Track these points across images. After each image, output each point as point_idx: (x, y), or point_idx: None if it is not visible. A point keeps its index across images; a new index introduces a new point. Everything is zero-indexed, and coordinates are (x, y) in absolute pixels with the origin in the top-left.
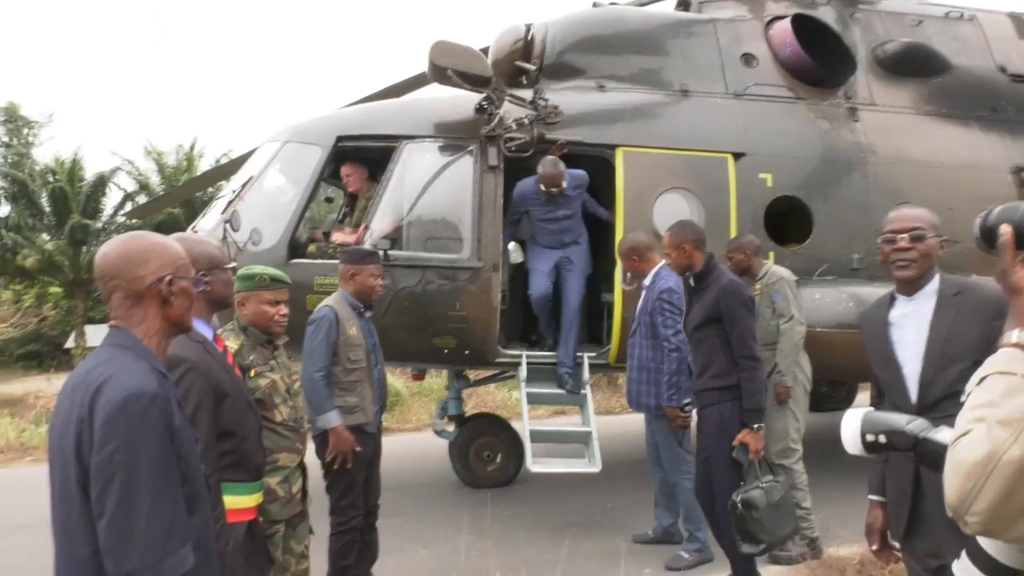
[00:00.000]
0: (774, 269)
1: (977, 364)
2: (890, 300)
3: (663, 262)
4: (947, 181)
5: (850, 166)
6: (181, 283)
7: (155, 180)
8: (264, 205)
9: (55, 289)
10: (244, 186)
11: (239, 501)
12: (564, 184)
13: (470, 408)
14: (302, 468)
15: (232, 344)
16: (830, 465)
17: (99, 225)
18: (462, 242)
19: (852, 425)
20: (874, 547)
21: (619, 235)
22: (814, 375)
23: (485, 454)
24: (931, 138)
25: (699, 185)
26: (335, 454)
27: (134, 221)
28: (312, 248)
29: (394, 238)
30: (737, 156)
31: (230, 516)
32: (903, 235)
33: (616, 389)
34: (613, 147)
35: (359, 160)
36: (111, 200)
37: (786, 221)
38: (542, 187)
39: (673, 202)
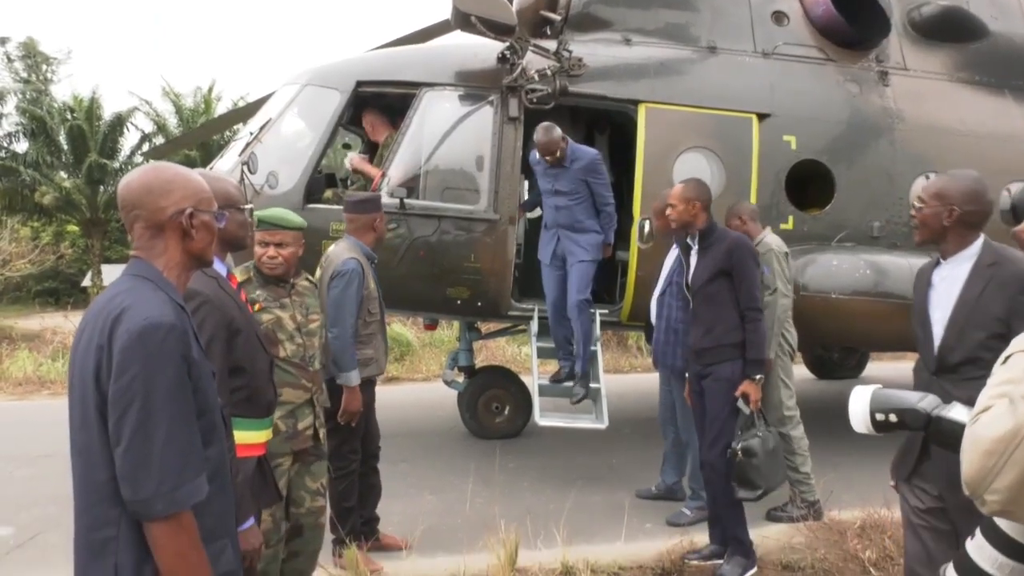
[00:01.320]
0: (767, 239)
1: (997, 336)
2: (936, 262)
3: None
4: (976, 151)
5: (877, 132)
6: (203, 217)
7: (172, 122)
8: (282, 148)
9: (72, 228)
10: (262, 128)
11: (249, 436)
12: (559, 153)
13: (480, 361)
14: (312, 406)
15: (239, 277)
16: (835, 431)
17: (116, 165)
18: (479, 194)
19: (861, 403)
20: (892, 483)
21: (638, 192)
22: (827, 342)
23: (493, 406)
24: (962, 106)
25: (721, 145)
26: (344, 414)
27: (121, 159)
28: (328, 193)
29: (411, 187)
30: (762, 117)
31: (240, 451)
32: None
33: (626, 349)
34: (636, 103)
35: (380, 107)
36: (129, 140)
37: (808, 185)
38: (537, 155)
39: (694, 161)
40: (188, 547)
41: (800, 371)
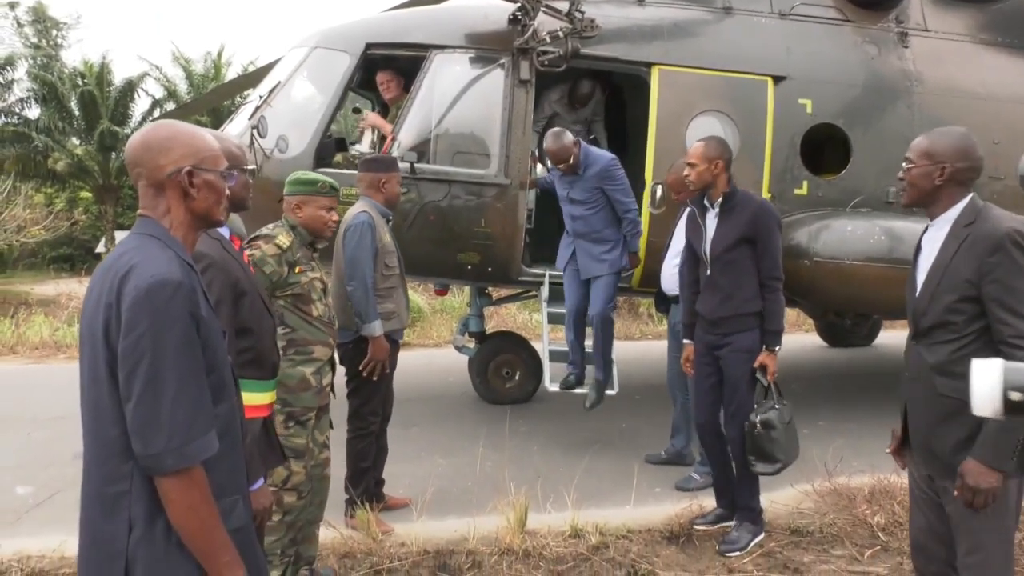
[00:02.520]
0: None
1: (967, 299)
2: (927, 226)
3: None
4: (996, 115)
5: (895, 95)
6: (205, 175)
7: (183, 87)
8: (291, 112)
9: (85, 194)
10: (272, 92)
11: (255, 398)
12: (572, 160)
13: (492, 327)
14: (332, 363)
15: (284, 240)
16: (845, 398)
17: (128, 131)
18: (490, 158)
19: (990, 378)
20: (888, 449)
21: (650, 156)
22: (840, 308)
23: (504, 371)
24: (984, 68)
25: (736, 108)
26: (371, 362)
27: (132, 125)
28: (339, 158)
29: (421, 151)
30: (777, 80)
31: (247, 412)
32: (903, 162)
33: (637, 316)
34: (649, 65)
35: (393, 69)
36: (140, 106)
37: (823, 150)
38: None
39: (708, 125)
40: (199, 502)
41: (812, 339)
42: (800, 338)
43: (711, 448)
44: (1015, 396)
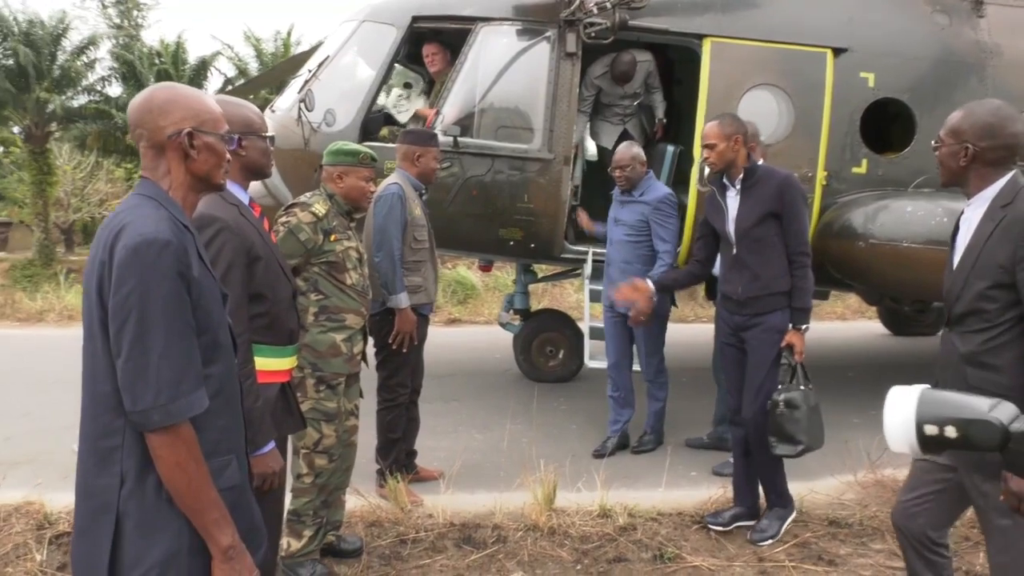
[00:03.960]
0: None
1: (1000, 286)
2: (965, 205)
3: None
4: None
5: (966, 68)
6: (205, 138)
7: (253, 66)
8: (339, 85)
9: None
10: (320, 66)
11: (271, 363)
12: (631, 172)
13: (545, 305)
14: (364, 332)
15: (321, 208)
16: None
17: None
18: (533, 132)
19: (902, 411)
20: None
21: (699, 133)
22: (897, 294)
23: (548, 349)
24: None
25: (791, 82)
26: (399, 334)
27: None
28: (384, 132)
29: (465, 125)
30: (837, 52)
31: (261, 377)
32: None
33: (692, 297)
34: (701, 37)
35: (440, 42)
36: (212, 84)
37: (886, 126)
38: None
39: (761, 100)
40: (186, 459)
41: (874, 326)
42: (861, 325)
43: (744, 444)
44: (929, 430)
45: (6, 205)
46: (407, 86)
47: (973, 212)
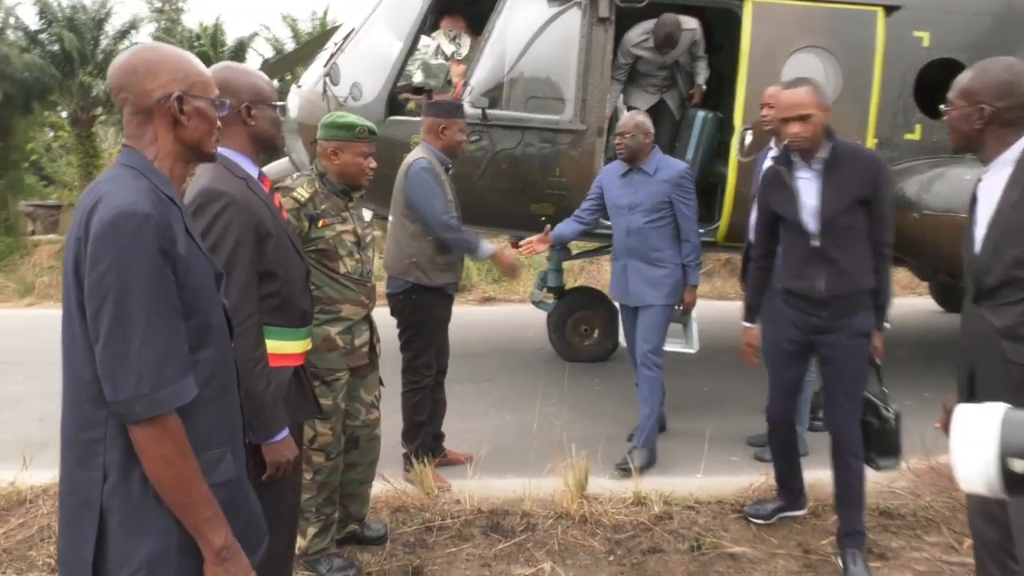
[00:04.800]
0: None
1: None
2: (980, 175)
3: None
4: None
5: None
6: (195, 103)
7: (290, 47)
8: (365, 58)
9: None
10: (346, 38)
11: (283, 346)
12: (641, 145)
13: (584, 283)
14: (369, 322)
15: (304, 192)
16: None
17: None
18: (565, 103)
19: (981, 440)
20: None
21: (740, 99)
22: (952, 268)
23: (582, 328)
24: None
25: (839, 44)
26: (510, 273)
27: None
28: (411, 105)
29: (494, 96)
30: (889, 10)
31: (273, 360)
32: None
33: (734, 273)
34: None
35: (463, 13)
36: (264, 63)
37: (941, 89)
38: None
39: (807, 63)
40: (173, 453)
41: (926, 302)
42: (912, 302)
43: (783, 443)
44: (1020, 466)
45: (57, 188)
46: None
47: (993, 178)
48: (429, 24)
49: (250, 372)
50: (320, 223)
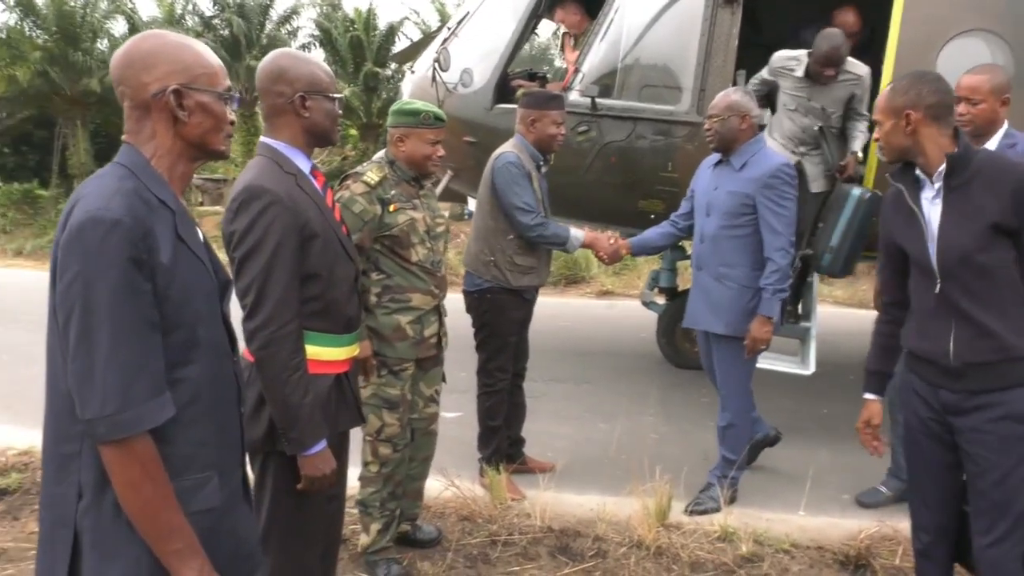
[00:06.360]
0: None
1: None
2: None
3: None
4: None
5: None
6: (198, 96)
7: None
8: (478, 43)
9: (352, 132)
10: (459, 23)
11: (324, 352)
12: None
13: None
14: (438, 313)
15: (374, 176)
16: None
17: (388, 73)
18: (681, 92)
19: None
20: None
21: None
22: None
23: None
24: None
25: (1009, 26)
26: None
27: (392, 67)
28: (520, 92)
29: (606, 84)
30: None
31: (313, 367)
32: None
33: (867, 273)
34: None
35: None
36: (400, 49)
37: None
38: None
39: (968, 50)
40: (140, 477)
41: None
42: None
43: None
44: None
45: (223, 163)
46: None
47: None
48: (545, 7)
49: (285, 382)
50: (392, 207)
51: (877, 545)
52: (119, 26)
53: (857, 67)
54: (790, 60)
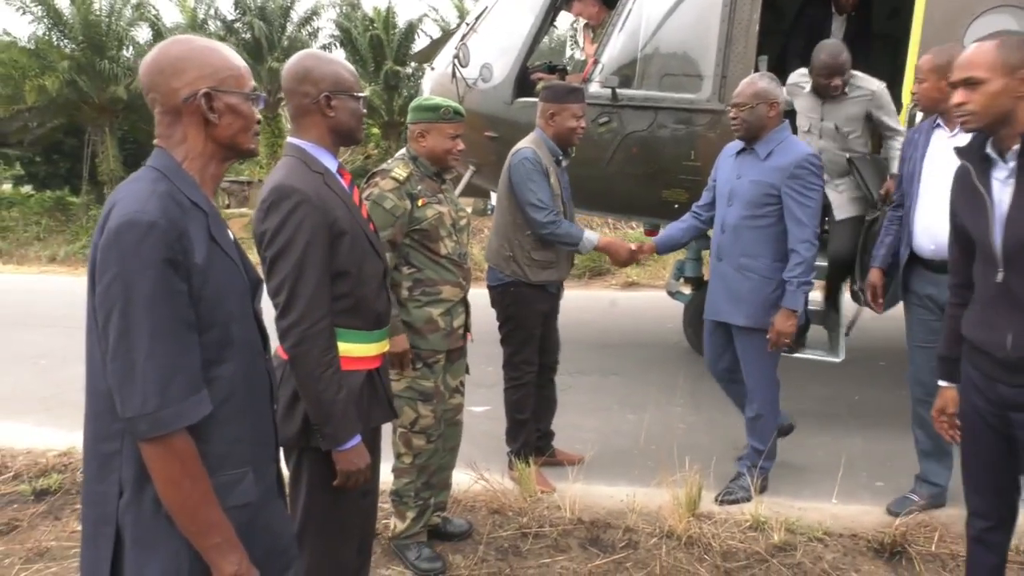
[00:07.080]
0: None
1: None
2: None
3: None
4: None
5: None
6: (227, 98)
7: None
8: (497, 38)
9: (375, 131)
10: (479, 18)
11: (356, 349)
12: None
13: None
14: (465, 304)
15: (401, 172)
16: None
17: (408, 71)
18: (702, 80)
19: None
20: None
21: (910, 71)
22: None
23: None
24: None
25: None
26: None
27: (413, 65)
28: (540, 86)
29: (626, 74)
30: None
31: (345, 364)
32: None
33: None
34: None
35: None
36: (419, 47)
37: None
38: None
39: (998, 26)
40: (179, 474)
41: None
42: None
43: (992, 565)
44: None
45: (248, 165)
46: None
47: None
48: (562, 0)
49: (319, 378)
50: (420, 201)
51: (913, 532)
52: (143, 33)
53: (869, 82)
54: (800, 78)
